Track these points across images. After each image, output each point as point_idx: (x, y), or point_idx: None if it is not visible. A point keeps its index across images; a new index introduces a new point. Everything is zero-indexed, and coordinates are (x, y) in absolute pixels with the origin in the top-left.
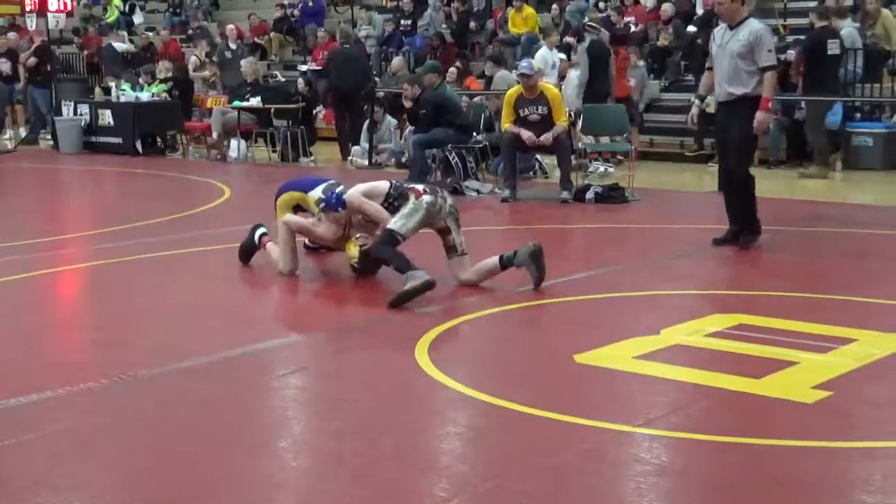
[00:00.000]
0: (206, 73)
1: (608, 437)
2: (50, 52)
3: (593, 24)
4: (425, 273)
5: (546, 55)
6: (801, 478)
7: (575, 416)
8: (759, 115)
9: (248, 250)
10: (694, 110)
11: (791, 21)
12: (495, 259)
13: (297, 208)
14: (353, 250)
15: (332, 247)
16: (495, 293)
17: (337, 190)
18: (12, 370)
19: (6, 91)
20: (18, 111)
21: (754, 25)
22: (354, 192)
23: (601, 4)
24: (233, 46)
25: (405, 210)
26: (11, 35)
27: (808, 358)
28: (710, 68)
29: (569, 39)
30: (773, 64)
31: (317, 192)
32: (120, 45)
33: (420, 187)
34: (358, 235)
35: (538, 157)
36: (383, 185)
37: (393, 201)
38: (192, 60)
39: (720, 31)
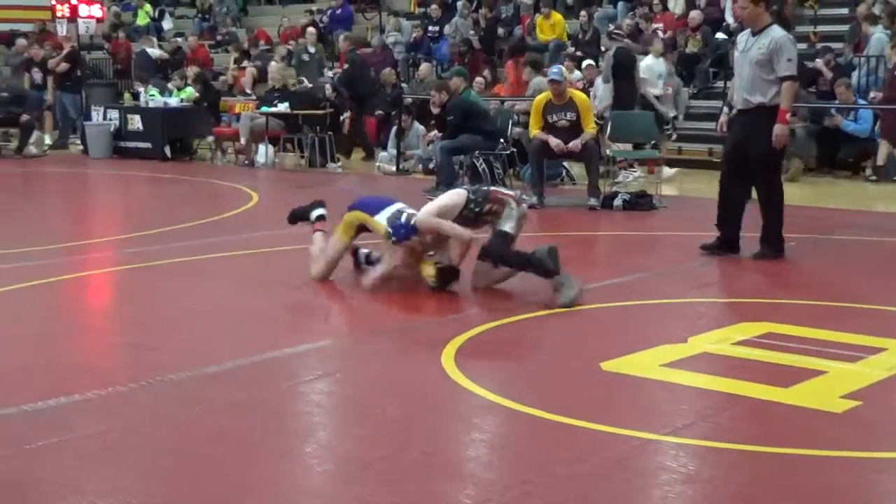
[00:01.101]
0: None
1: (635, 445)
2: (80, 57)
3: (619, 32)
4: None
5: (652, 64)
6: (830, 488)
7: (601, 424)
8: (777, 129)
9: (298, 219)
10: (722, 118)
11: (821, 28)
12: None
13: (362, 228)
14: (429, 269)
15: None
16: (522, 300)
17: (402, 219)
18: (41, 373)
19: (36, 98)
20: (47, 117)
21: (776, 33)
22: (426, 216)
23: (633, 12)
24: (311, 50)
25: (514, 214)
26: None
27: (836, 367)
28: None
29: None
30: (793, 74)
31: (382, 219)
32: (153, 51)
33: (512, 193)
34: (431, 253)
35: (565, 163)
36: (458, 199)
37: (475, 208)
38: (273, 66)
39: (743, 37)
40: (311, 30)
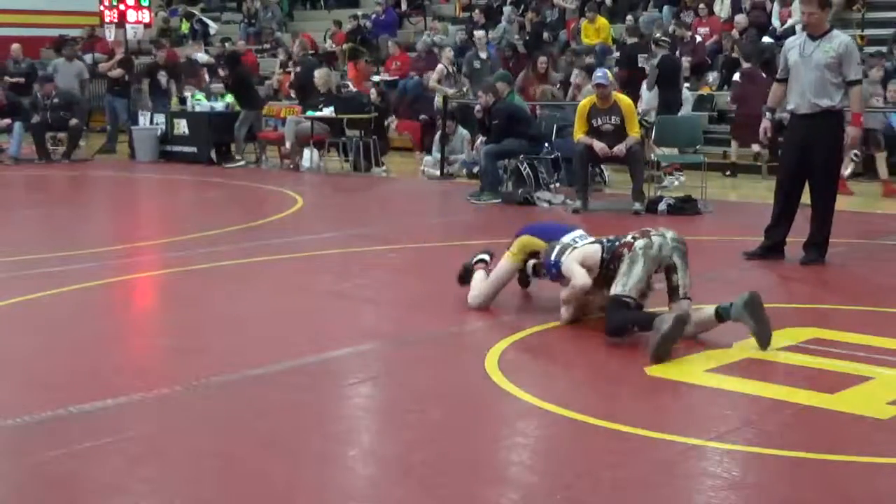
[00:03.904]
0: (452, 89)
1: (679, 450)
2: (131, 62)
3: (665, 39)
4: (669, 315)
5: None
6: (875, 495)
7: (645, 429)
8: (852, 131)
9: (466, 273)
10: (765, 124)
11: (869, 32)
12: (711, 310)
13: (533, 255)
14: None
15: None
16: None
17: (553, 256)
18: (88, 376)
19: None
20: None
21: (843, 37)
22: (570, 259)
23: (676, 19)
24: (482, 56)
25: (622, 268)
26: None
27: (883, 373)
28: (782, 80)
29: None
30: (861, 78)
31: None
32: (201, 57)
33: (629, 239)
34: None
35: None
36: (596, 253)
37: (609, 265)
38: (439, 69)
39: (801, 42)
40: (479, 33)
